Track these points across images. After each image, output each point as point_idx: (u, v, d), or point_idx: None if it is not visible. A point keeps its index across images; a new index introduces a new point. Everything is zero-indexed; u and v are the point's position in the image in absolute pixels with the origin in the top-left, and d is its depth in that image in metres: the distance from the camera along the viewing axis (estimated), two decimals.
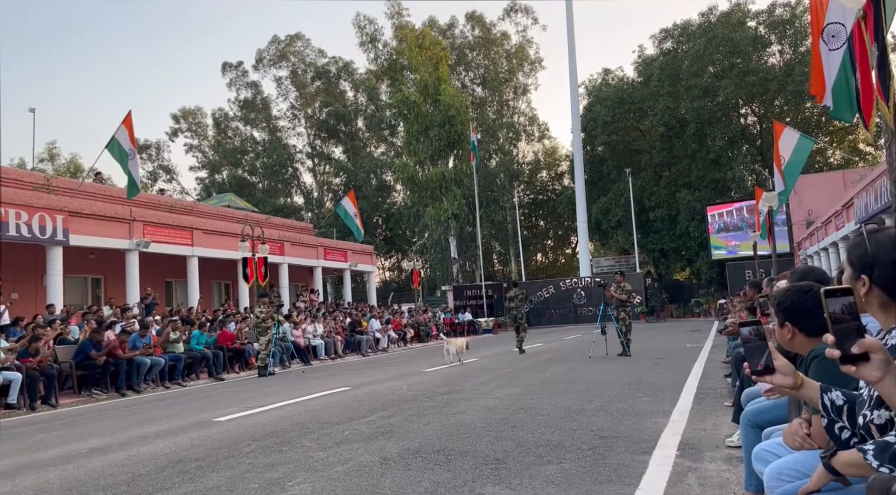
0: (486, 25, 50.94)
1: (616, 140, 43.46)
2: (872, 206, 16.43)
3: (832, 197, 26.08)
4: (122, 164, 17.97)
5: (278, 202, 53.96)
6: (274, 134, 55.75)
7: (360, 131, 56.96)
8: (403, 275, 54.87)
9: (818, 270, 3.56)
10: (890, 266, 1.69)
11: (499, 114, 51.64)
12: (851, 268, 1.80)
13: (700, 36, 39.57)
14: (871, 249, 1.74)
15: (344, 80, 55.92)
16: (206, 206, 31.63)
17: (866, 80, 7.26)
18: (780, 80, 37.97)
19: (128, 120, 18.12)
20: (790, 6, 38.55)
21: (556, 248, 58.54)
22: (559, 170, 53.09)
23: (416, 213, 45.24)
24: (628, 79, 44.83)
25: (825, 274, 3.37)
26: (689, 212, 39.41)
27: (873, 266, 1.72)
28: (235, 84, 55.31)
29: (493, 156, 50.09)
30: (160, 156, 56.73)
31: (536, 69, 51.69)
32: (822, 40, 9.32)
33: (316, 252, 29.74)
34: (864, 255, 1.74)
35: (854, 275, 1.78)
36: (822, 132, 40.21)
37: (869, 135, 8.03)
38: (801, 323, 2.49)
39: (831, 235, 23.54)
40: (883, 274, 1.70)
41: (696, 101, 38.94)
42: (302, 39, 54.61)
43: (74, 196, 19.47)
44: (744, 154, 40.75)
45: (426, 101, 42.15)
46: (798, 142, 15.06)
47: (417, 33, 45.11)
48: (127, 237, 19.51)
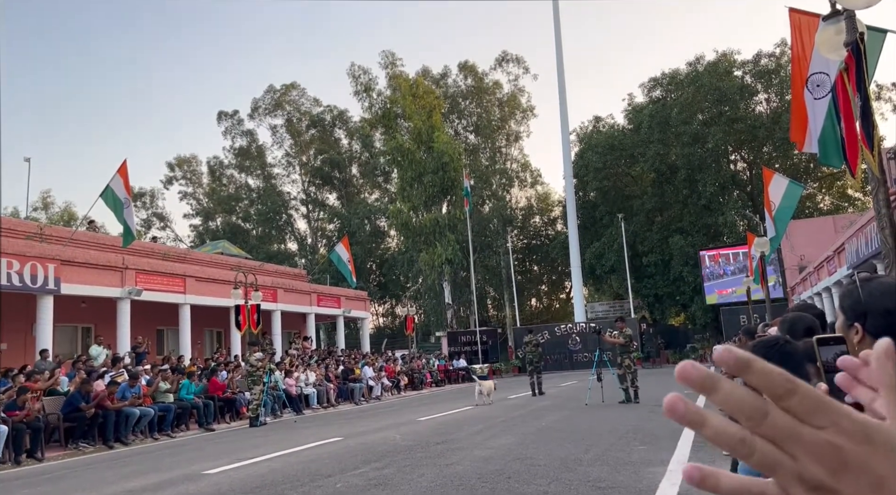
0: (478, 75, 51.89)
1: (608, 186, 43.89)
2: (863, 252, 16.53)
3: (823, 242, 26.25)
4: (116, 213, 17.99)
5: (272, 249, 53.96)
6: (268, 181, 56.12)
7: (355, 178, 57.42)
8: (397, 321, 54.56)
9: (807, 318, 3.55)
10: (883, 315, 1.68)
11: (491, 160, 52.20)
12: (844, 316, 1.78)
13: (688, 84, 40.37)
14: (863, 298, 1.72)
15: (338, 127, 56.65)
16: (200, 254, 31.58)
17: (850, 128, 7.40)
18: (767, 127, 38.62)
19: (123, 169, 18.21)
20: (775, 56, 39.47)
21: (551, 293, 58.48)
22: (552, 215, 53.43)
23: (410, 259, 45.28)
24: (619, 126, 45.52)
25: (814, 321, 3.37)
26: (682, 257, 39.57)
27: (866, 314, 1.70)
28: (231, 132, 55.94)
29: (487, 201, 50.45)
30: (154, 203, 56.94)
31: (528, 117, 52.52)
32: (808, 89, 9.53)
33: (309, 298, 29.60)
34: (857, 304, 1.73)
35: (847, 323, 1.76)
36: (810, 178, 40.73)
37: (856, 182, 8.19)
38: None
39: (824, 280, 23.62)
40: (876, 322, 1.69)
41: (686, 147, 39.50)
42: (297, 89, 55.50)
43: (67, 244, 19.43)
44: (734, 199, 41.16)
45: (420, 149, 42.65)
46: (787, 188, 15.22)
47: (411, 82, 45.92)
48: (119, 285, 19.40)
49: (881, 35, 8.81)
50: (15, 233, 19.40)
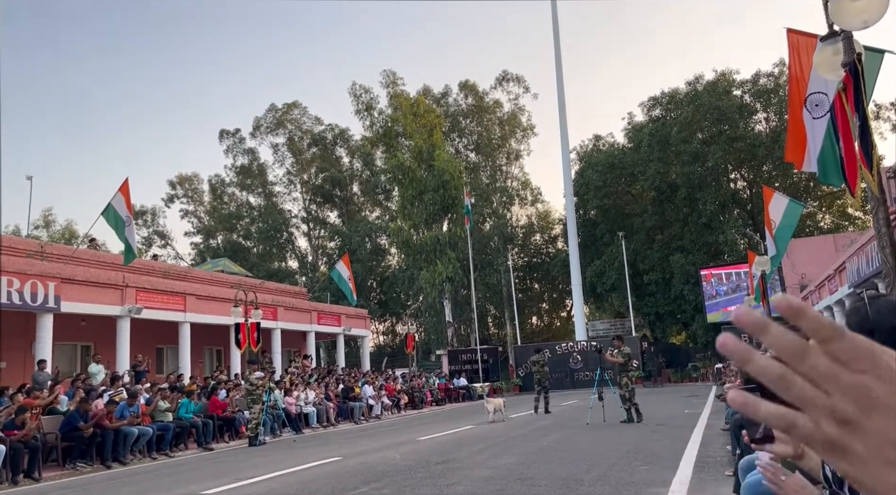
0: (478, 94, 52.20)
1: (608, 204, 43.96)
2: (864, 271, 16.52)
3: (824, 261, 26.24)
4: (117, 232, 18.02)
5: (272, 267, 53.97)
6: (269, 199, 56.28)
7: (356, 196, 57.58)
8: (397, 339, 54.42)
9: None
10: (890, 332, 1.66)
11: (492, 178, 52.35)
12: None
13: (687, 104, 40.56)
14: (871, 315, 1.70)
15: (340, 146, 56.90)
16: (200, 272, 31.58)
17: (849, 148, 7.42)
18: (767, 146, 38.73)
19: (125, 187, 18.27)
20: (773, 76, 39.69)
21: (552, 312, 58.35)
22: (553, 233, 53.46)
23: (411, 277, 45.25)
24: (619, 145, 45.67)
25: None
26: (682, 275, 39.51)
27: (873, 332, 1.65)
28: (232, 151, 56.20)
29: (487, 219, 50.52)
30: (155, 221, 57.07)
31: (528, 135, 52.74)
32: (806, 109, 9.57)
33: (309, 316, 29.55)
34: (865, 321, 1.70)
35: None
36: (810, 197, 40.79)
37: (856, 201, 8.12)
38: None
39: (825, 299, 23.58)
40: (883, 340, 1.67)
41: (686, 166, 39.59)
42: (299, 107, 55.82)
43: (68, 263, 19.44)
44: (735, 218, 41.19)
45: (420, 167, 42.80)
46: (787, 207, 15.24)
47: (412, 101, 46.18)
48: (119, 303, 19.38)
49: (879, 55, 8.87)
50: (16, 251, 19.43)
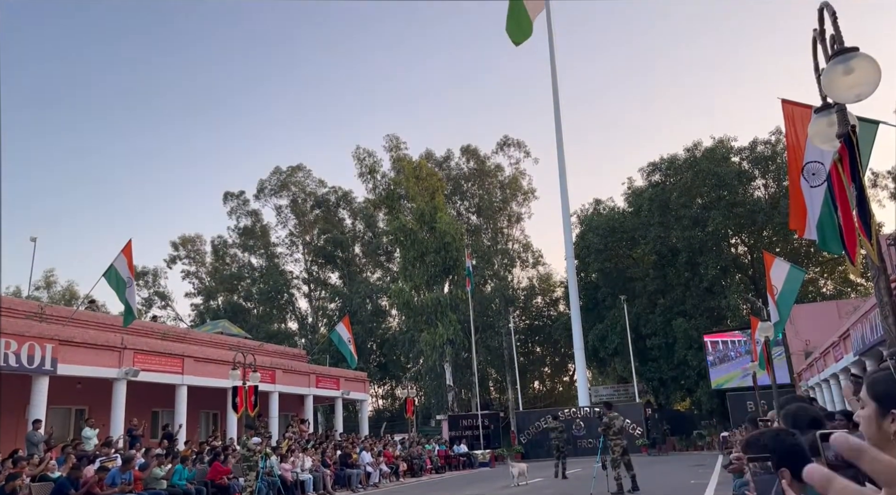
0: (480, 158, 52.99)
1: (609, 267, 43.97)
2: (869, 338, 16.36)
3: (828, 327, 26.04)
4: (118, 293, 18.01)
5: (272, 328, 53.64)
6: (271, 260, 56.42)
7: (357, 257, 57.74)
8: (397, 403, 53.59)
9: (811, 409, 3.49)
10: None
11: (493, 241, 52.59)
12: (878, 404, 1.68)
13: (686, 169, 41.06)
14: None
15: (343, 208, 57.42)
16: (199, 333, 31.38)
17: (847, 217, 7.45)
18: (766, 212, 39.00)
19: (127, 248, 18.36)
20: (770, 144, 40.30)
21: (554, 376, 57.61)
22: (554, 296, 53.29)
23: (411, 339, 44.91)
24: (619, 209, 46.02)
25: (818, 413, 3.31)
26: (686, 340, 39.16)
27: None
28: (236, 212, 56.68)
29: (489, 281, 50.47)
30: (157, 282, 57.07)
31: (529, 199, 53.24)
32: (804, 177, 9.67)
33: (308, 379, 29.17)
34: (894, 390, 1.65)
35: (881, 412, 1.66)
36: (812, 262, 40.80)
37: (856, 269, 8.19)
38: None
39: (830, 367, 23.28)
40: None
41: (687, 230, 39.78)
42: (303, 170, 56.61)
43: (67, 324, 19.35)
44: (737, 283, 41.11)
45: (422, 229, 43.08)
46: (789, 273, 15.20)
47: (414, 165, 46.88)
48: (116, 365, 19.18)
49: (873, 126, 9.01)
50: (15, 312, 19.36)
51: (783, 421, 3.45)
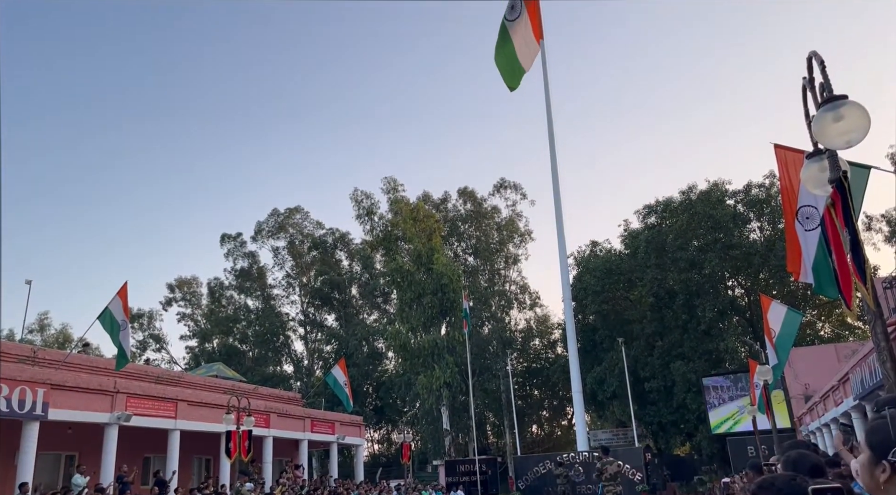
0: (477, 200, 53.29)
1: (607, 309, 43.81)
2: (868, 382, 16.25)
3: (827, 370, 25.88)
4: (112, 336, 17.89)
5: (267, 371, 53.13)
6: (267, 302, 56.21)
7: (354, 299, 57.56)
8: (393, 448, 52.77)
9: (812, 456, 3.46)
10: None
11: (490, 282, 52.52)
12: (871, 452, 1.73)
13: (682, 212, 41.24)
14: (893, 434, 1.70)
15: (340, 249, 57.51)
16: (193, 376, 31.05)
17: (842, 261, 7.47)
18: (762, 254, 39.06)
19: (123, 291, 18.31)
20: (765, 187, 40.57)
21: (552, 419, 56.90)
22: (552, 338, 52.99)
23: (408, 382, 44.46)
24: (615, 250, 46.09)
25: (819, 460, 3.28)
26: (684, 383, 38.80)
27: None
28: (233, 254, 56.68)
29: (486, 323, 50.22)
30: (152, 324, 56.73)
31: (526, 240, 53.31)
32: (798, 221, 9.73)
33: (303, 424, 28.77)
34: (887, 440, 1.70)
35: (874, 460, 1.71)
36: (808, 305, 40.69)
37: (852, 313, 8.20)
38: None
39: (831, 411, 23.04)
40: None
41: (683, 273, 39.79)
42: (301, 212, 56.86)
43: (59, 368, 19.15)
44: (734, 325, 40.96)
45: (419, 270, 43.06)
46: (786, 316, 15.17)
47: (412, 207, 47.12)
48: (108, 410, 18.91)
49: (865, 171, 9.12)
50: (7, 356, 19.17)
51: (783, 468, 3.41)
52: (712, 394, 37.33)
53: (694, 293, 39.87)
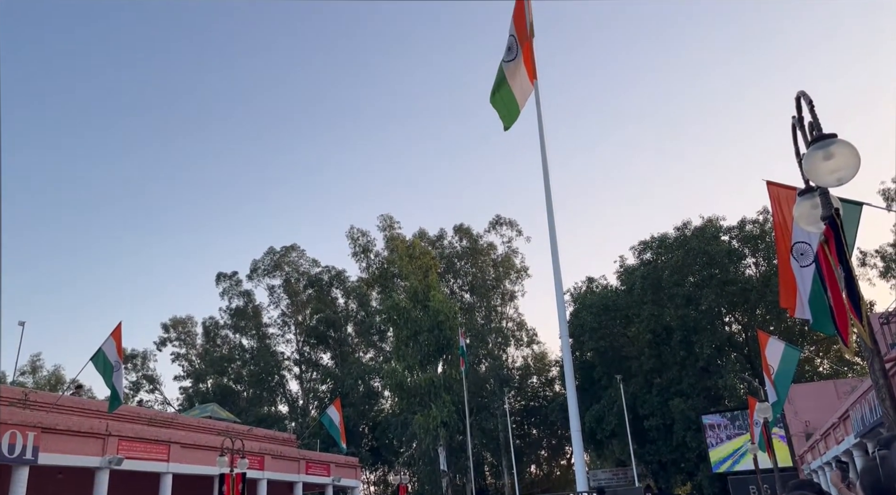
0: (473, 237, 53.44)
1: (604, 346, 43.57)
2: (868, 419, 16.10)
3: (827, 407, 25.67)
4: (105, 377, 17.67)
5: (262, 411, 52.48)
6: (263, 341, 55.83)
7: (350, 337, 57.23)
8: (389, 489, 51.84)
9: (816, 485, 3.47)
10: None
11: (487, 319, 52.32)
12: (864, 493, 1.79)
13: (677, 248, 41.33)
14: (883, 477, 1.74)
15: (336, 287, 57.34)
16: (187, 418, 30.60)
17: (837, 298, 7.45)
18: (758, 290, 39.04)
19: (117, 331, 18.15)
20: (759, 223, 40.77)
21: (551, 459, 56.12)
22: (549, 375, 52.59)
23: (404, 421, 43.90)
24: (612, 287, 46.06)
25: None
26: (684, 421, 38.38)
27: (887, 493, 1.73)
28: (228, 293, 56.51)
29: (483, 361, 49.87)
30: (146, 365, 56.24)
31: (522, 277, 53.32)
32: (793, 257, 9.73)
33: (297, 465, 28.28)
34: (877, 482, 1.74)
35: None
36: (806, 341, 40.52)
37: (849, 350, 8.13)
38: None
39: (832, 449, 22.77)
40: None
41: (680, 309, 39.69)
42: (297, 250, 56.90)
43: (51, 411, 18.87)
44: (732, 361, 40.71)
45: (416, 307, 42.88)
46: (784, 352, 15.09)
47: (408, 244, 47.19)
48: (100, 454, 18.56)
49: (857, 207, 9.16)
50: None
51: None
52: (710, 433, 36.88)
53: (691, 329, 39.71)
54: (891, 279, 37.46)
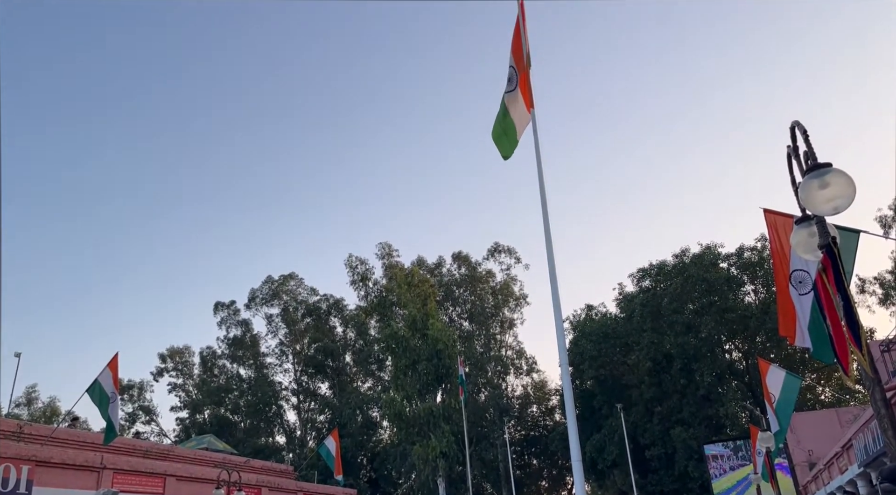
0: (471, 264, 53.40)
1: (605, 374, 43.30)
2: (871, 448, 15.94)
3: (830, 436, 25.42)
4: (101, 409, 17.47)
5: (259, 442, 51.88)
6: (260, 371, 55.42)
7: (348, 366, 56.83)
8: None
9: None
10: None
11: (486, 347, 52.02)
12: None
13: (676, 275, 41.32)
14: None
15: (334, 316, 57.11)
16: (184, 450, 30.21)
17: (837, 326, 7.41)
18: (758, 317, 38.91)
19: (113, 362, 17.98)
20: (757, 250, 40.81)
21: (552, 490, 55.38)
22: (549, 404, 52.15)
23: (403, 452, 43.38)
24: (611, 314, 45.93)
25: None
26: (685, 450, 37.97)
27: None
28: (226, 322, 56.20)
29: (482, 389, 49.48)
30: (142, 396, 55.70)
31: (521, 305, 53.14)
32: (791, 285, 9.70)
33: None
34: None
35: None
36: (807, 369, 40.28)
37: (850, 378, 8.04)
38: None
39: (836, 480, 22.49)
40: None
41: (680, 336, 39.52)
42: (295, 278, 56.74)
43: (45, 443, 18.64)
44: (733, 390, 40.43)
45: (414, 336, 42.64)
46: (785, 380, 14.98)
47: (406, 272, 47.10)
48: (94, 487, 18.30)
49: (854, 235, 9.14)
50: None
51: None
52: (713, 464, 36.46)
53: (691, 357, 39.50)
54: (890, 306, 37.38)
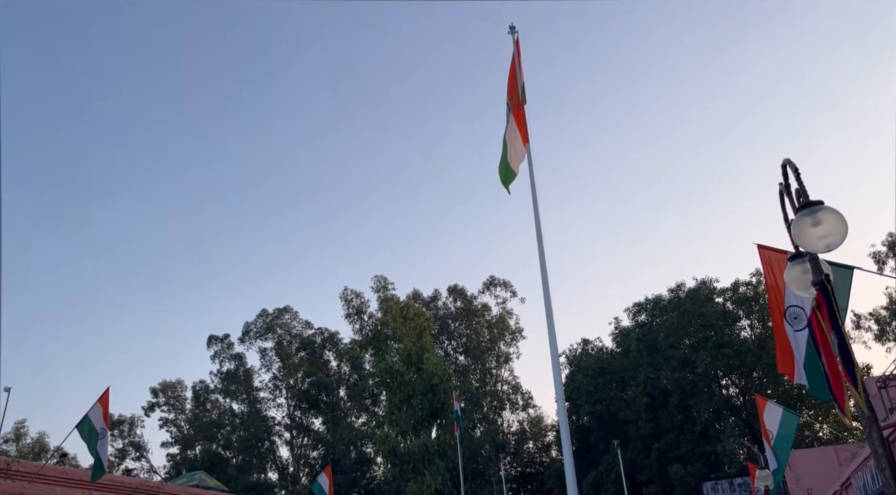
0: (467, 298, 53.31)
1: (601, 409, 42.88)
2: (871, 487, 15.75)
3: (828, 474, 25.12)
4: (89, 445, 17.18)
5: (251, 479, 51.02)
6: (253, 406, 54.79)
7: (342, 401, 56.26)
8: None
9: None
10: None
11: (482, 382, 51.62)
12: None
13: (672, 310, 41.21)
14: None
15: (328, 349, 56.74)
16: (174, 487, 29.69)
17: (832, 364, 7.36)
18: (754, 353, 38.69)
19: (104, 397, 17.75)
20: (752, 285, 40.75)
21: None
22: (546, 440, 51.57)
23: (397, 489, 42.71)
24: (607, 349, 45.71)
25: None
26: (683, 488, 37.42)
27: None
28: (220, 356, 55.76)
29: (478, 425, 48.95)
30: (132, 432, 54.94)
31: (517, 339, 52.94)
32: (787, 321, 9.66)
33: None
34: None
35: None
36: (805, 405, 39.94)
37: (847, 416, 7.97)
38: None
39: None
40: None
41: (676, 371, 39.27)
42: (290, 312, 56.49)
43: (33, 481, 18.29)
44: (731, 426, 40.01)
45: (409, 370, 42.32)
46: (783, 417, 14.85)
47: (402, 305, 46.93)
48: None
49: (848, 271, 9.14)
50: None
51: None
52: None
53: (688, 392, 39.20)
54: (886, 342, 37.24)
